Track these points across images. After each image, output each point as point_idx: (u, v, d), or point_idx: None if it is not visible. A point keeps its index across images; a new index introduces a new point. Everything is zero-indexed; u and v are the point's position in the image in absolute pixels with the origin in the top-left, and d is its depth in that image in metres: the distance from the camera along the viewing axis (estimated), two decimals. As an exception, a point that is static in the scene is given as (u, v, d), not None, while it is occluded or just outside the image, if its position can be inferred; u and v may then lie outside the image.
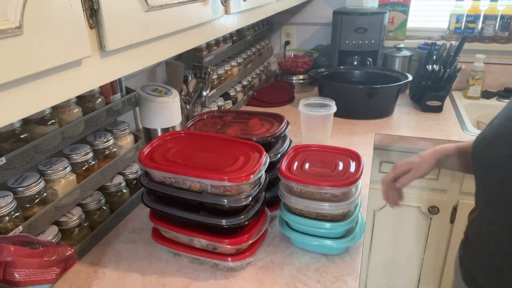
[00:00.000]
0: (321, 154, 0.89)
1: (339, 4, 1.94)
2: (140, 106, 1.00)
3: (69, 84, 0.46)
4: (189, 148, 0.82)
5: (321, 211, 0.79)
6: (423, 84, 1.61)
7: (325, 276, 0.78)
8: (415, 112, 1.63)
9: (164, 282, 0.77)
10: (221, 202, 0.73)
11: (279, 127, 0.94)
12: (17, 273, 0.61)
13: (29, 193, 0.72)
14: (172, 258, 0.84)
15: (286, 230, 0.84)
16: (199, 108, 1.31)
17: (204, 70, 1.28)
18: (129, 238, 0.90)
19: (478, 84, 1.75)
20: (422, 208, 1.49)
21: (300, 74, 1.91)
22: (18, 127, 0.70)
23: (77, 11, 0.44)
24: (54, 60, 0.42)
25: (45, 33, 0.40)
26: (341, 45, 1.80)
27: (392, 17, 1.91)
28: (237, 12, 0.88)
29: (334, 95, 1.35)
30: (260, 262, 0.82)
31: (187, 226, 0.77)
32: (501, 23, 1.78)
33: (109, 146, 0.91)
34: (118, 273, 0.80)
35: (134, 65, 0.58)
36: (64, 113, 0.78)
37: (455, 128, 1.46)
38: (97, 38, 0.49)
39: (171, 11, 0.62)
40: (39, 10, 0.39)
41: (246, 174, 0.71)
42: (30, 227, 0.71)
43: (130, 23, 0.53)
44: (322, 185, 0.77)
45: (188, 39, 0.72)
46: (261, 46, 1.93)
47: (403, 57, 1.83)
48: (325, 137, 1.31)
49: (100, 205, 0.89)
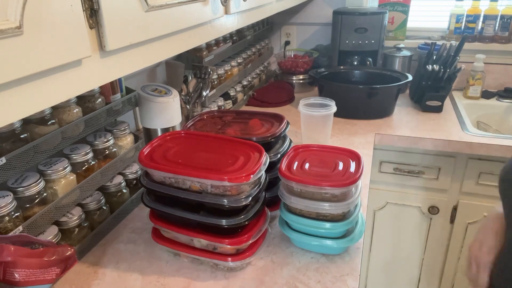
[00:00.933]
0: (321, 154, 0.89)
1: (339, 4, 1.94)
2: (140, 106, 1.00)
3: (69, 84, 0.46)
4: (189, 148, 0.82)
5: (321, 211, 0.79)
6: (423, 84, 1.61)
7: (325, 276, 0.78)
8: (415, 112, 1.63)
9: (164, 282, 0.77)
10: (221, 202, 0.73)
11: (279, 127, 0.94)
12: (17, 273, 0.61)
13: (29, 193, 0.72)
14: (172, 258, 0.84)
15: (286, 230, 0.84)
16: (199, 108, 1.31)
17: (204, 70, 1.28)
18: (129, 238, 0.90)
19: (478, 84, 1.75)
20: (422, 208, 1.49)
21: (300, 74, 1.90)
22: (18, 127, 0.70)
23: (77, 11, 0.44)
24: (54, 60, 0.42)
25: (45, 33, 0.40)
26: (341, 45, 1.80)
27: (392, 17, 1.91)
28: (237, 12, 0.88)
29: (334, 95, 1.35)
30: (260, 262, 0.82)
31: (187, 226, 0.77)
32: (501, 23, 1.78)
33: (109, 146, 0.91)
34: (118, 273, 0.80)
35: (134, 65, 0.58)
36: (64, 113, 0.78)
37: (455, 128, 1.46)
38: (97, 38, 0.49)
39: (171, 11, 0.62)
40: (39, 10, 0.39)
41: (246, 174, 0.71)
42: (30, 227, 0.70)
43: (130, 23, 0.53)
44: (322, 185, 0.77)
45: (188, 39, 0.72)
46: (261, 46, 1.93)
47: (403, 57, 1.83)
48: (325, 137, 1.31)
49: (100, 205, 0.89)
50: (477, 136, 1.39)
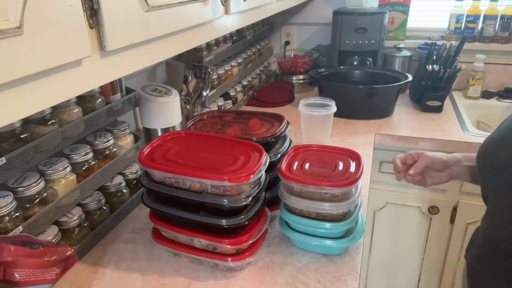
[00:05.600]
0: (321, 154, 0.89)
1: (339, 4, 1.94)
2: (140, 106, 1.00)
3: (69, 84, 0.46)
4: (189, 148, 0.82)
5: (321, 211, 0.79)
6: (423, 84, 1.61)
7: (325, 276, 0.78)
8: (415, 112, 1.63)
9: (164, 282, 0.77)
10: (221, 202, 0.73)
11: (279, 127, 0.94)
12: (17, 273, 0.61)
13: (29, 193, 0.72)
14: (172, 258, 0.84)
15: (286, 230, 0.84)
16: (199, 108, 1.31)
17: (204, 70, 1.28)
18: (129, 238, 0.90)
19: (478, 84, 1.75)
20: (422, 208, 1.49)
21: (300, 74, 1.90)
22: (18, 127, 0.70)
23: (77, 11, 0.44)
24: (54, 60, 0.42)
25: (45, 33, 0.40)
26: (341, 45, 1.80)
27: (392, 17, 1.91)
28: (237, 12, 0.88)
29: (334, 95, 1.35)
30: (260, 262, 0.82)
31: (187, 226, 0.77)
32: (501, 23, 1.78)
33: (109, 146, 0.91)
34: (118, 273, 0.80)
35: (134, 65, 0.58)
36: (64, 113, 0.78)
37: (455, 128, 1.46)
38: (97, 38, 0.49)
39: (171, 11, 0.62)
40: (39, 10, 0.39)
41: (246, 174, 0.71)
42: (30, 227, 0.71)
43: (130, 23, 0.53)
44: (322, 185, 0.77)
45: (188, 39, 0.72)
46: (261, 46, 1.93)
47: (403, 57, 1.84)
48: (325, 137, 1.31)
49: (100, 205, 0.89)
50: (477, 136, 1.39)
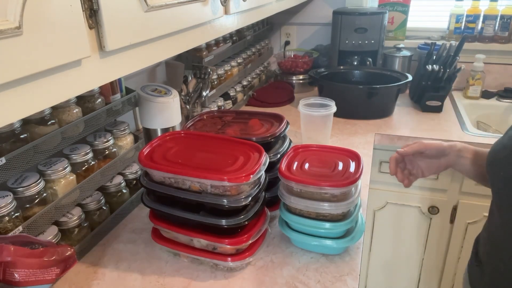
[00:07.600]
0: (321, 154, 0.89)
1: (339, 4, 1.94)
2: (140, 106, 1.00)
3: (68, 84, 0.46)
4: (189, 148, 0.82)
5: (321, 211, 0.79)
6: (423, 84, 1.61)
7: (325, 276, 0.78)
8: (415, 112, 1.63)
9: (164, 282, 0.77)
10: (221, 202, 0.73)
11: (279, 127, 0.94)
12: (17, 273, 0.61)
13: (29, 193, 0.72)
14: (172, 258, 0.84)
15: (286, 230, 0.84)
16: (199, 108, 1.31)
17: (204, 70, 1.28)
18: (129, 238, 0.90)
19: (478, 84, 1.75)
20: (422, 208, 1.49)
21: (300, 74, 1.91)
22: (18, 127, 0.70)
23: (77, 11, 0.44)
24: (53, 60, 0.42)
25: (45, 33, 0.40)
26: (341, 45, 1.80)
27: (392, 17, 1.91)
28: (236, 12, 0.88)
29: (334, 95, 1.35)
30: (260, 262, 0.82)
31: (187, 226, 0.77)
32: (501, 23, 1.78)
33: (109, 146, 0.91)
34: (118, 273, 0.80)
35: (134, 65, 0.58)
36: (64, 113, 0.78)
37: (455, 128, 1.46)
38: (96, 38, 0.49)
39: (170, 11, 0.62)
40: (38, 10, 0.39)
41: (246, 174, 0.71)
42: (30, 227, 0.71)
43: (130, 23, 0.53)
44: (321, 185, 0.77)
45: (188, 39, 0.72)
46: (261, 46, 1.93)
47: (403, 57, 1.83)
48: (325, 137, 1.31)
49: (100, 205, 0.89)
50: (477, 136, 1.39)
